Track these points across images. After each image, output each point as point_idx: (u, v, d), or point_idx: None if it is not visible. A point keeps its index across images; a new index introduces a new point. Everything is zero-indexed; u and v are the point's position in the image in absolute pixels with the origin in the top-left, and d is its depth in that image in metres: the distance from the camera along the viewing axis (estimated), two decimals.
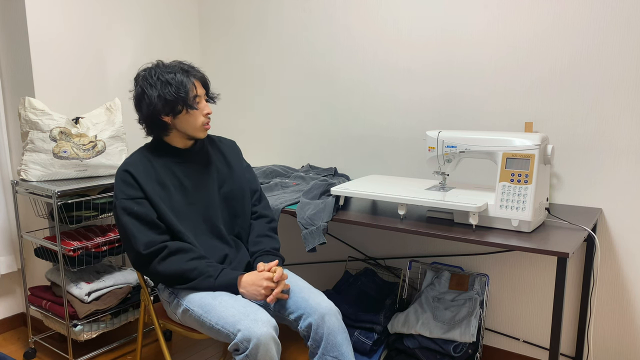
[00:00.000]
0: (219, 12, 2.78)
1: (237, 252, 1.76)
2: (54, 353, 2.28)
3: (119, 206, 1.62)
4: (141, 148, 1.75)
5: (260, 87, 2.69)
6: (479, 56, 2.03)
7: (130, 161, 1.68)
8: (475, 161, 2.11)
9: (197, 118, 1.70)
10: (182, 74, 1.66)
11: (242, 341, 1.44)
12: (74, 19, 2.29)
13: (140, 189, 1.63)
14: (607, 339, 1.94)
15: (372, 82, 2.31)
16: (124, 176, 1.64)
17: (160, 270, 1.59)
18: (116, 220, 1.66)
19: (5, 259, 2.35)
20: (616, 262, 1.87)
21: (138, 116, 1.72)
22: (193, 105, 1.67)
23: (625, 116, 1.79)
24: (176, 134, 1.72)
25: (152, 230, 1.61)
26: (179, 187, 1.71)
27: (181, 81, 1.64)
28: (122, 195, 1.63)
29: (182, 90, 1.64)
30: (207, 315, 1.54)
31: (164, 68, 1.67)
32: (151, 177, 1.66)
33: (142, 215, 1.61)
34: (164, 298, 1.73)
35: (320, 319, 1.55)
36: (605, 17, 1.77)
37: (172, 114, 1.66)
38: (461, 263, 2.20)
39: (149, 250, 1.58)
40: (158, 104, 1.63)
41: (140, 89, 1.67)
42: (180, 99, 1.64)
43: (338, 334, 1.56)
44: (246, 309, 1.51)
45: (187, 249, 1.62)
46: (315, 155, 2.55)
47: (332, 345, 1.55)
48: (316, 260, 2.62)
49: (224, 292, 1.59)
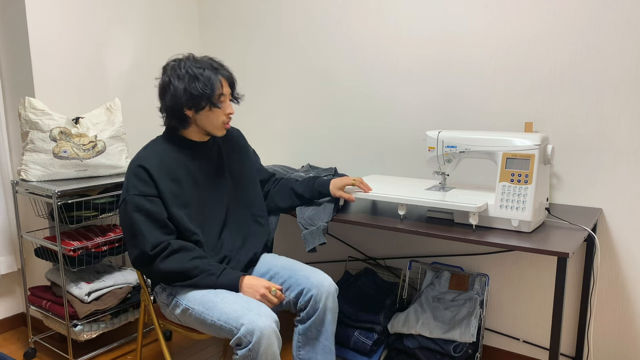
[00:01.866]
0: (219, 13, 2.78)
1: (248, 245, 1.79)
2: (54, 353, 2.28)
3: (130, 202, 1.59)
4: (155, 140, 1.73)
5: (261, 87, 2.69)
6: (479, 56, 2.03)
7: (144, 155, 1.65)
8: (475, 161, 2.11)
9: (219, 116, 1.69)
10: (211, 70, 1.65)
11: (245, 335, 1.44)
12: (74, 19, 2.30)
13: (155, 186, 1.61)
14: (607, 339, 1.94)
15: (372, 82, 2.31)
16: (138, 171, 1.61)
17: (162, 268, 1.59)
18: (124, 215, 1.62)
19: (5, 259, 2.35)
20: (616, 262, 1.87)
21: (160, 105, 1.70)
22: (217, 103, 1.66)
23: (625, 116, 1.79)
24: (194, 128, 1.71)
25: (161, 230, 1.60)
26: (192, 182, 1.70)
27: (209, 77, 1.63)
28: (134, 190, 1.59)
29: (209, 87, 1.62)
30: (208, 313, 1.54)
31: (194, 62, 1.66)
32: (165, 173, 1.64)
33: (153, 214, 1.59)
34: (161, 300, 1.72)
35: (321, 295, 1.65)
36: (605, 17, 1.77)
37: (194, 108, 1.65)
38: (461, 263, 2.20)
39: (154, 251, 1.58)
40: (183, 97, 1.62)
41: (167, 78, 1.65)
42: (206, 95, 1.62)
43: (330, 313, 1.68)
44: (249, 304, 1.52)
45: (189, 248, 1.62)
46: (315, 155, 2.55)
47: (321, 320, 1.67)
48: (316, 260, 2.62)
49: (225, 290, 1.60)
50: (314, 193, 1.87)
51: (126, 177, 1.64)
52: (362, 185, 1.81)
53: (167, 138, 1.72)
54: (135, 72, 2.58)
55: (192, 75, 1.62)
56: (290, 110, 2.60)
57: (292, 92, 2.57)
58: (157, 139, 1.73)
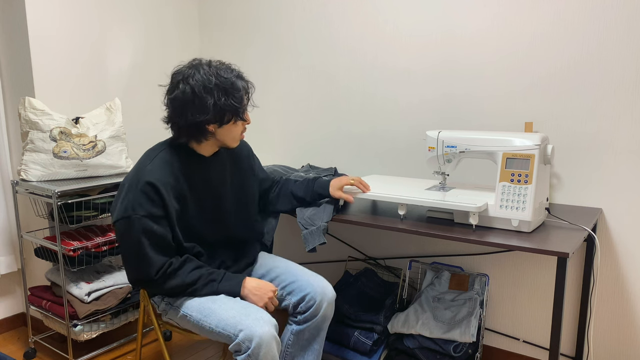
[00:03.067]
0: (219, 13, 2.78)
1: (247, 258, 1.77)
2: (54, 353, 2.28)
3: (137, 223, 1.48)
4: (161, 150, 1.58)
5: (260, 87, 2.69)
6: (479, 56, 2.03)
7: (152, 170, 1.51)
8: (475, 161, 2.11)
9: (240, 128, 1.60)
10: (239, 80, 1.53)
11: (243, 341, 1.44)
12: (74, 19, 2.30)
13: (162, 206, 1.51)
14: (607, 339, 1.94)
15: (372, 82, 2.31)
16: (147, 189, 1.48)
17: (165, 287, 1.56)
18: (127, 234, 1.50)
19: (5, 259, 2.35)
20: (616, 262, 1.87)
21: (172, 115, 1.53)
22: (243, 116, 1.56)
23: (625, 116, 1.79)
24: (211, 142, 1.60)
25: (164, 252, 1.54)
26: (196, 199, 1.62)
27: (240, 96, 1.52)
28: (142, 211, 1.48)
29: (240, 103, 1.52)
30: (206, 320, 1.52)
31: (223, 74, 1.50)
32: (172, 191, 1.54)
33: (160, 238, 1.52)
34: (160, 309, 1.70)
35: (323, 302, 1.67)
36: (605, 17, 1.77)
37: (219, 122, 1.53)
38: (461, 263, 2.20)
39: (159, 274, 1.53)
40: (211, 112, 1.48)
41: (189, 89, 1.47)
42: (236, 111, 1.52)
43: (327, 320, 1.72)
44: (247, 309, 1.51)
45: (188, 260, 1.59)
46: (315, 155, 2.55)
47: (317, 327, 1.69)
48: (316, 260, 2.62)
49: (223, 296, 1.58)
50: (314, 195, 1.84)
51: (132, 192, 1.50)
52: (360, 185, 1.80)
53: (174, 149, 1.59)
54: (136, 72, 2.58)
55: (223, 88, 1.49)
56: (291, 111, 2.60)
57: (293, 92, 2.57)
58: (164, 149, 1.59)
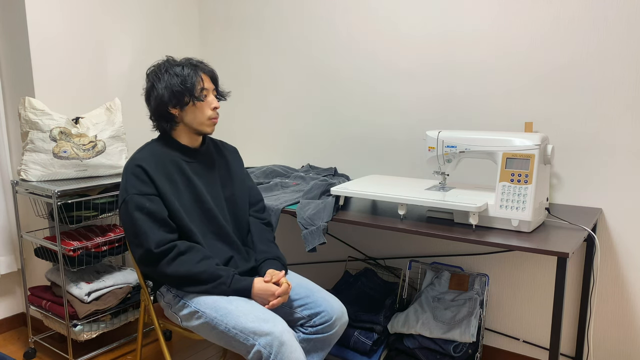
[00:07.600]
0: (219, 12, 2.78)
1: (240, 255, 1.76)
2: (54, 353, 2.28)
3: (130, 201, 1.60)
4: (150, 143, 1.75)
5: (260, 87, 2.69)
6: (479, 56, 2.03)
7: (141, 156, 1.67)
8: (475, 161, 2.11)
9: (204, 111, 1.71)
10: (189, 67, 1.70)
11: (265, 346, 1.45)
12: (74, 18, 2.30)
13: (153, 185, 1.62)
14: (607, 339, 1.94)
15: (372, 82, 2.31)
16: (136, 171, 1.62)
17: (169, 271, 1.58)
18: (125, 216, 1.62)
19: (5, 259, 2.35)
20: (616, 262, 1.87)
21: (148, 110, 1.74)
22: (200, 97, 1.69)
23: (625, 116, 1.79)
24: (183, 128, 1.74)
25: (163, 228, 1.60)
26: (187, 185, 1.70)
27: (187, 73, 1.68)
28: (133, 190, 1.61)
29: (189, 81, 1.67)
30: (222, 319, 1.52)
31: (173, 62, 1.72)
32: (162, 173, 1.65)
33: (154, 213, 1.59)
34: (166, 301, 1.70)
35: (337, 322, 1.66)
36: (606, 17, 1.77)
37: (179, 105, 1.68)
38: (461, 263, 2.20)
39: (160, 249, 1.57)
40: (165, 95, 1.66)
41: (150, 82, 1.71)
42: (187, 90, 1.66)
43: (334, 339, 1.69)
44: (265, 315, 1.51)
45: (195, 249, 1.61)
46: (315, 155, 2.55)
47: (326, 342, 1.68)
48: (316, 260, 2.62)
49: (238, 297, 1.59)
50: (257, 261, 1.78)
51: (124, 178, 1.65)
52: (279, 298, 1.63)
53: (161, 141, 1.75)
54: (135, 72, 2.58)
55: (171, 74, 1.68)
56: (291, 111, 2.60)
57: (293, 92, 2.57)
58: (152, 142, 1.76)
